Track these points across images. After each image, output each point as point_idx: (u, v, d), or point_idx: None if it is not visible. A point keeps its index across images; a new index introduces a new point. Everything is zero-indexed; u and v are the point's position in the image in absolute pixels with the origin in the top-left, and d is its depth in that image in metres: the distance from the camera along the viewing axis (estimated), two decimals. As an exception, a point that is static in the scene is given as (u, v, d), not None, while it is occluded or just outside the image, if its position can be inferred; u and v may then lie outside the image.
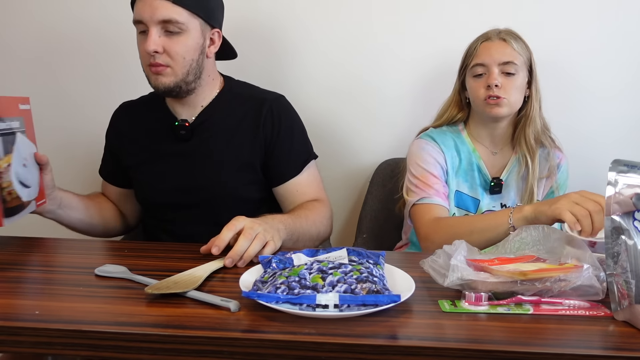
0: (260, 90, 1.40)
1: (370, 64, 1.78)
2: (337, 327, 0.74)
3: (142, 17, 1.20)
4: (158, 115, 1.35)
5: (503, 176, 1.46)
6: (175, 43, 1.22)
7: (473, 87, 1.42)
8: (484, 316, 0.80)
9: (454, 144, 1.47)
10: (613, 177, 0.82)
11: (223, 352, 0.72)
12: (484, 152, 1.48)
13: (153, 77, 1.24)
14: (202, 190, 1.32)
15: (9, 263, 1.02)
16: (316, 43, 1.78)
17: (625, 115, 1.76)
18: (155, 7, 1.19)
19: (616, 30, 1.71)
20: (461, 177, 1.47)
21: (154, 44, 1.19)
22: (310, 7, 1.76)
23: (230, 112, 1.33)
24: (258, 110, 1.32)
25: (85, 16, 1.79)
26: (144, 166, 1.35)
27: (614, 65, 1.73)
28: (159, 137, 1.34)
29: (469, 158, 1.47)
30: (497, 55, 1.38)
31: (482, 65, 1.40)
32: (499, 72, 1.38)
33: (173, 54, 1.22)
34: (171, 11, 1.19)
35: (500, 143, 1.48)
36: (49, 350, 0.74)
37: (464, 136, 1.49)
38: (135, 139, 1.36)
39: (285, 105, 1.37)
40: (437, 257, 0.91)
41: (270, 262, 0.93)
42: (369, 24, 1.76)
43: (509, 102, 1.38)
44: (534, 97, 1.44)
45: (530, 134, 1.43)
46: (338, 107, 1.82)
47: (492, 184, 1.45)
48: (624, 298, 0.79)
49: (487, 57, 1.39)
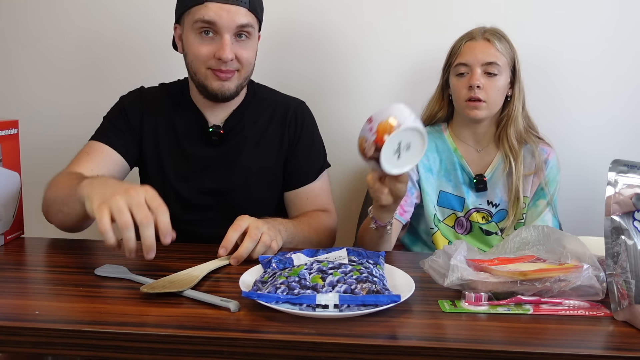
0: (282, 95, 1.41)
1: (370, 64, 1.79)
2: (337, 327, 0.74)
3: (217, 21, 1.16)
4: (186, 114, 1.32)
5: (487, 173, 1.46)
6: (244, 49, 1.21)
7: (455, 86, 1.43)
8: (484, 316, 0.80)
9: (435, 145, 1.48)
10: (613, 177, 0.82)
11: (223, 352, 0.72)
12: (468, 150, 1.48)
13: (217, 82, 1.21)
14: (226, 194, 1.31)
15: (9, 263, 1.02)
16: (316, 44, 1.78)
17: (617, 116, 1.76)
18: (234, 13, 1.17)
19: (612, 29, 1.71)
20: (444, 177, 1.47)
21: (231, 51, 1.18)
22: (310, 8, 1.76)
23: (257, 117, 1.33)
24: (283, 115, 1.34)
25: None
26: (166, 163, 1.31)
27: (607, 63, 1.73)
28: (186, 137, 1.31)
29: (450, 158, 1.48)
30: (480, 56, 1.39)
31: (465, 65, 1.41)
32: (481, 73, 1.39)
33: (243, 60, 1.21)
34: (247, 17, 1.19)
35: (484, 141, 1.48)
36: (49, 351, 0.74)
37: (446, 136, 1.50)
38: (156, 131, 1.31)
39: (307, 111, 1.39)
40: (437, 257, 0.91)
41: (270, 262, 0.93)
42: (373, 25, 1.76)
43: (488, 105, 1.39)
44: (517, 97, 1.44)
45: (511, 134, 1.43)
46: (338, 107, 1.82)
47: (475, 181, 1.45)
48: (623, 298, 0.79)
49: (470, 56, 1.40)
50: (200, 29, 1.18)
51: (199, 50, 1.20)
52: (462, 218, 1.47)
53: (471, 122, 1.45)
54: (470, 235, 1.48)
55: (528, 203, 1.45)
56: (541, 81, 1.71)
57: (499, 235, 1.46)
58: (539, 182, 1.45)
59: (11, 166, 1.12)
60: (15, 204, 1.14)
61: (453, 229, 1.48)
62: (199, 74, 1.22)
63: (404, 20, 1.75)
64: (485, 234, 1.47)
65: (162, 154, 1.31)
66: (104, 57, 1.82)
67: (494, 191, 1.46)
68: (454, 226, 1.48)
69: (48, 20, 1.82)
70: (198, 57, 1.21)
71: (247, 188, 1.31)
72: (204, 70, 1.22)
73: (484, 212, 1.46)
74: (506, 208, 1.45)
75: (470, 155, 1.48)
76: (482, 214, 1.46)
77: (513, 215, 1.43)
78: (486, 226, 1.46)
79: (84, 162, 1.22)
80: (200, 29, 1.19)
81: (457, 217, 1.48)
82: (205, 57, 1.20)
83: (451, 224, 1.48)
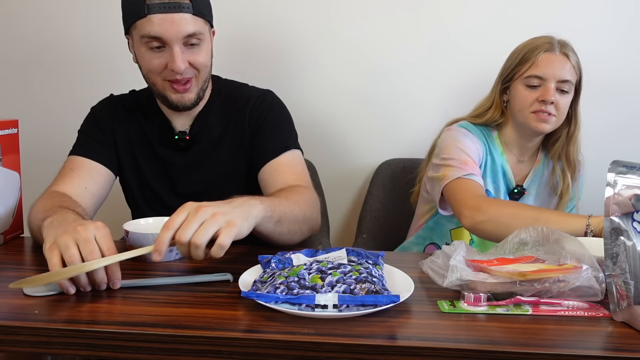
0: (249, 87, 1.37)
1: (370, 65, 1.79)
2: (336, 327, 0.74)
3: (162, 34, 1.12)
4: (155, 121, 1.31)
5: (525, 184, 1.46)
6: (197, 54, 1.18)
7: (523, 96, 1.38)
8: (483, 317, 0.80)
9: (486, 141, 1.46)
10: (612, 178, 0.82)
11: (222, 352, 0.72)
12: (511, 159, 1.47)
13: (176, 95, 1.20)
14: (202, 195, 1.26)
15: (9, 262, 1.02)
16: (315, 44, 1.78)
17: (618, 117, 1.76)
18: (178, 23, 1.12)
19: (617, 33, 1.72)
20: (490, 177, 1.46)
21: (182, 61, 1.14)
22: (308, 8, 1.76)
23: (222, 117, 1.31)
24: (244, 106, 1.31)
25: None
26: (143, 168, 1.32)
27: (610, 66, 1.73)
28: (157, 143, 1.31)
29: (499, 160, 1.46)
30: (558, 72, 1.34)
31: (539, 77, 1.35)
32: (554, 88, 1.34)
33: (199, 65, 1.18)
34: (194, 24, 1.14)
35: (528, 152, 1.48)
36: (48, 350, 0.74)
37: (494, 137, 1.47)
38: (129, 137, 1.31)
39: (273, 98, 1.34)
40: (436, 258, 0.92)
41: (269, 262, 0.93)
42: (369, 25, 1.76)
43: (557, 120, 1.37)
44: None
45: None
46: (338, 107, 1.82)
47: (516, 190, 1.45)
48: (622, 299, 0.79)
49: (547, 70, 1.34)
50: (147, 43, 1.15)
51: (150, 63, 1.17)
52: None
53: (529, 134, 1.42)
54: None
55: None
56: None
57: None
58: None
59: (11, 166, 1.12)
60: (15, 204, 1.14)
61: None
62: (157, 85, 1.21)
63: (401, 21, 1.75)
64: None
65: (138, 159, 1.32)
66: (105, 56, 1.83)
67: (526, 202, 1.46)
68: None
69: (49, 20, 1.82)
70: (151, 70, 1.18)
71: (221, 187, 1.28)
72: (161, 82, 1.19)
73: None
74: None
75: (513, 164, 1.47)
76: None
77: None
78: None
79: (69, 179, 1.20)
80: (149, 45, 1.16)
81: None
82: (158, 69, 1.17)
83: None
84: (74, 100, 1.85)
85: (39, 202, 1.10)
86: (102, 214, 1.30)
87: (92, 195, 1.22)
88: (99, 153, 1.27)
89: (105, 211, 1.33)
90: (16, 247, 1.11)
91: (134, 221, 1.12)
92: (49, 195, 1.13)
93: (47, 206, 1.04)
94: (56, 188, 1.18)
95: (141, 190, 1.34)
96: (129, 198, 1.39)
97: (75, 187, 1.19)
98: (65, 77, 1.86)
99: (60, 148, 1.35)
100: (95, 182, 1.23)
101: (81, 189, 1.20)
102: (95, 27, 1.82)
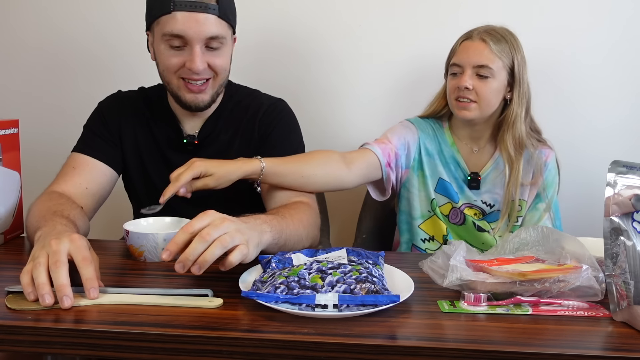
0: (260, 94, 1.38)
1: (371, 65, 1.79)
2: (336, 327, 0.75)
3: (185, 32, 1.12)
4: (163, 122, 1.31)
5: (482, 173, 1.46)
6: (217, 57, 1.17)
7: (448, 86, 1.43)
8: (483, 317, 0.80)
9: (434, 133, 1.49)
10: (612, 178, 0.82)
11: (222, 352, 0.72)
12: (464, 149, 1.49)
13: (190, 95, 1.19)
14: (208, 200, 1.25)
15: (9, 262, 1.02)
16: (315, 45, 1.78)
17: (619, 118, 1.76)
18: (203, 23, 1.12)
19: (618, 33, 1.72)
20: (442, 167, 1.47)
21: (202, 61, 1.14)
22: (306, 9, 1.76)
23: (232, 122, 1.31)
24: (255, 114, 1.31)
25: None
26: (150, 169, 1.31)
27: (612, 67, 1.73)
28: (165, 145, 1.30)
29: (447, 150, 1.48)
30: (473, 57, 1.37)
31: (457, 65, 1.39)
32: (472, 74, 1.37)
33: (217, 68, 1.18)
34: (217, 26, 1.14)
35: (480, 142, 1.48)
36: (49, 350, 0.74)
37: (444, 129, 1.50)
38: (135, 137, 1.31)
39: (284, 108, 1.35)
40: (436, 258, 0.92)
41: (269, 262, 0.93)
42: (368, 24, 1.76)
43: (478, 106, 1.38)
44: (516, 102, 1.39)
45: (509, 139, 1.40)
46: (338, 107, 1.82)
47: (470, 178, 1.46)
48: (622, 299, 0.79)
49: (463, 57, 1.39)
50: (169, 41, 1.15)
51: (169, 60, 1.17)
52: (457, 209, 1.47)
53: (466, 122, 1.45)
54: (462, 228, 1.48)
55: (527, 206, 1.45)
56: (545, 84, 1.71)
57: (490, 235, 1.46)
58: (537, 190, 1.45)
59: (11, 166, 1.12)
60: (15, 204, 1.14)
61: (447, 218, 1.49)
62: (172, 84, 1.21)
63: (400, 21, 1.75)
64: (478, 229, 1.47)
65: (144, 159, 1.31)
66: (104, 57, 1.83)
67: (489, 192, 1.46)
68: (449, 215, 1.48)
69: (49, 20, 1.82)
70: (169, 67, 1.18)
71: (225, 192, 1.24)
72: (176, 81, 1.19)
73: (477, 209, 1.47)
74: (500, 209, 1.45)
75: (466, 154, 1.48)
76: (475, 211, 1.47)
77: (506, 217, 1.42)
78: (479, 222, 1.46)
79: (70, 178, 1.20)
80: (170, 43, 1.16)
81: (452, 206, 1.48)
82: (175, 67, 1.17)
83: (446, 212, 1.49)
84: (75, 99, 1.85)
85: (36, 206, 1.09)
86: (103, 213, 1.30)
87: (93, 195, 1.22)
88: (103, 152, 1.26)
89: (106, 211, 1.33)
90: (16, 247, 1.11)
91: (134, 221, 1.12)
92: (47, 198, 1.12)
93: (42, 212, 1.03)
94: (56, 188, 1.17)
95: (145, 190, 1.34)
96: (131, 195, 1.39)
97: (76, 187, 1.19)
98: (66, 76, 1.86)
99: (61, 147, 1.35)
100: (97, 182, 1.23)
101: (82, 189, 1.19)
102: (97, 24, 1.81)
